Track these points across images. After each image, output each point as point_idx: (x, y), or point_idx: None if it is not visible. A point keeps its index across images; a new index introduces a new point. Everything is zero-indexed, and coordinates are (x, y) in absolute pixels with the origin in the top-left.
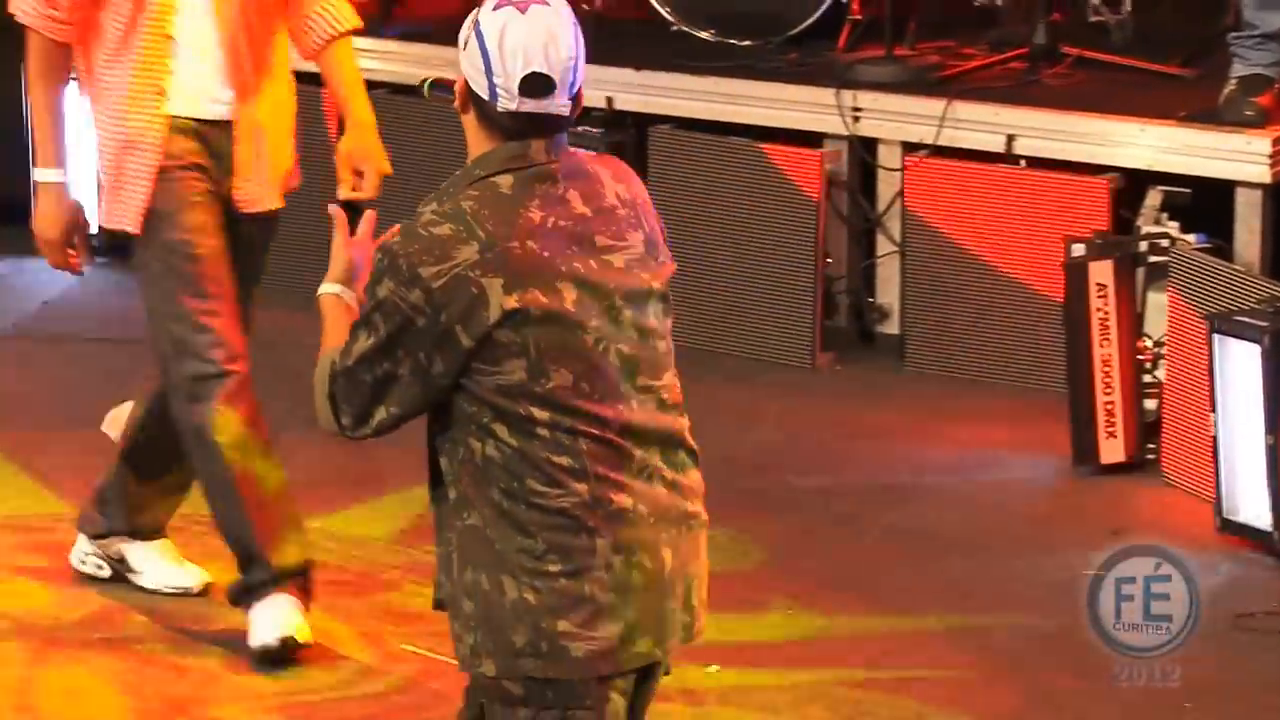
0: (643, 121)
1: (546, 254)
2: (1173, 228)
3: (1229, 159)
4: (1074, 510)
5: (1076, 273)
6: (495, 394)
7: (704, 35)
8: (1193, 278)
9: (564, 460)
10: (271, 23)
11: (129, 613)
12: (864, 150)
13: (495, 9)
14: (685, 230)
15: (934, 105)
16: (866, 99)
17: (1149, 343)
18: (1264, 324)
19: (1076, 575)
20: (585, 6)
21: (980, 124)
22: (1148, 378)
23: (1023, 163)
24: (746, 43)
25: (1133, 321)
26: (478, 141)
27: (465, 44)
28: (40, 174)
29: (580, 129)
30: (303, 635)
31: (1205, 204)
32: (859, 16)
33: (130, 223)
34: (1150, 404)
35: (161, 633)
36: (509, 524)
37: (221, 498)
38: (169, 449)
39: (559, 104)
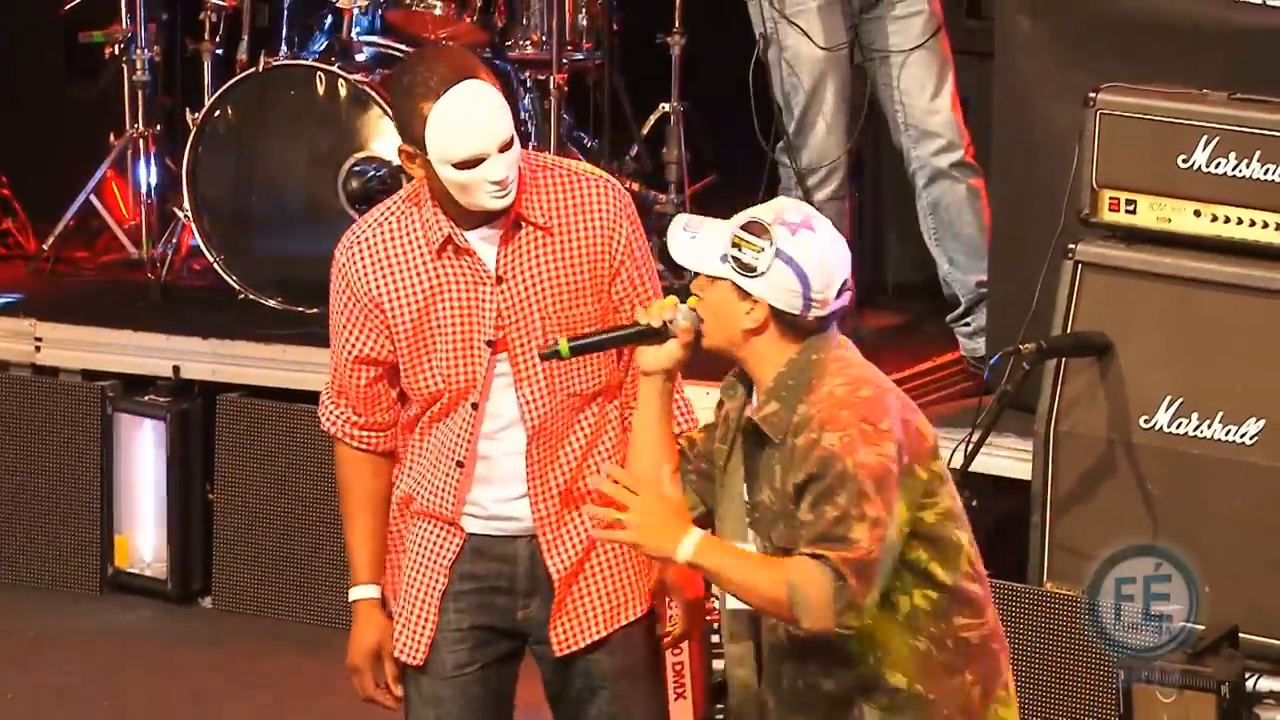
0: (210, 390)
1: None
2: None
3: None
4: None
5: None
6: (934, 527)
7: (271, 303)
8: None
9: (977, 589)
10: (593, 435)
11: None
12: None
13: (793, 234)
14: (252, 497)
15: None
16: None
17: (716, 603)
18: None
19: None
20: (150, 276)
21: None
22: (715, 638)
23: None
24: (314, 310)
25: None
26: (773, 348)
27: (764, 270)
28: (351, 592)
29: (146, 398)
30: None
31: None
32: None
33: (410, 654)
34: (719, 664)
35: None
36: (938, 669)
37: None
38: None
39: (848, 299)
